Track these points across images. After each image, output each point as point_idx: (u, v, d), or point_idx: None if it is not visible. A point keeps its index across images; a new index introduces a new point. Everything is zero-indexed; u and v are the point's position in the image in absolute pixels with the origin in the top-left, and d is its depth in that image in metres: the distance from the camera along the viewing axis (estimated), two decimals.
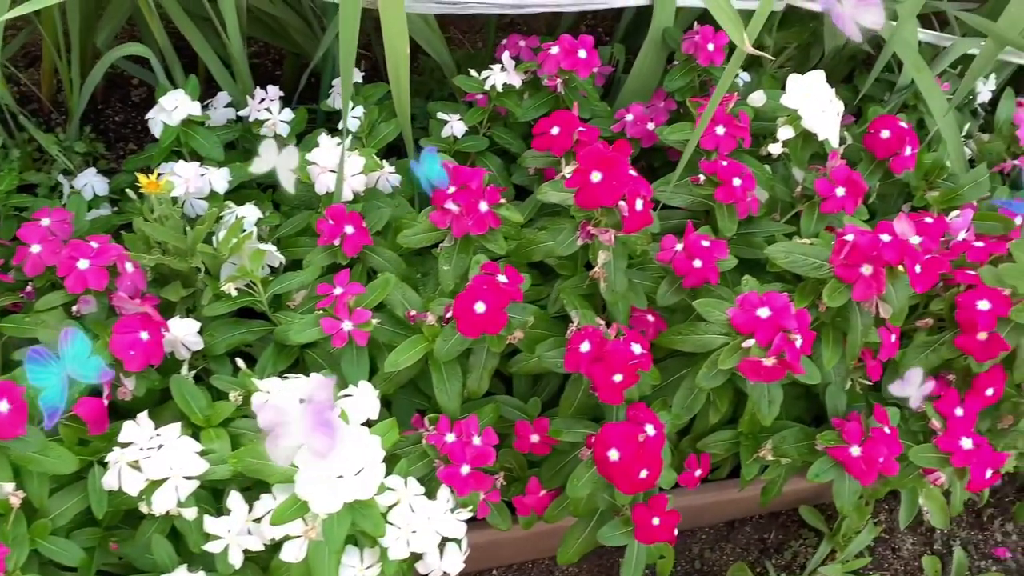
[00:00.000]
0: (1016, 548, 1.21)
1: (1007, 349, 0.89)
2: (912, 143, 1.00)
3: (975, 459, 0.90)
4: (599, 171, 0.79)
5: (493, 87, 1.04)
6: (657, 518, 0.84)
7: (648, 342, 0.89)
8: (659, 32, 1.08)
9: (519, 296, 0.81)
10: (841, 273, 0.83)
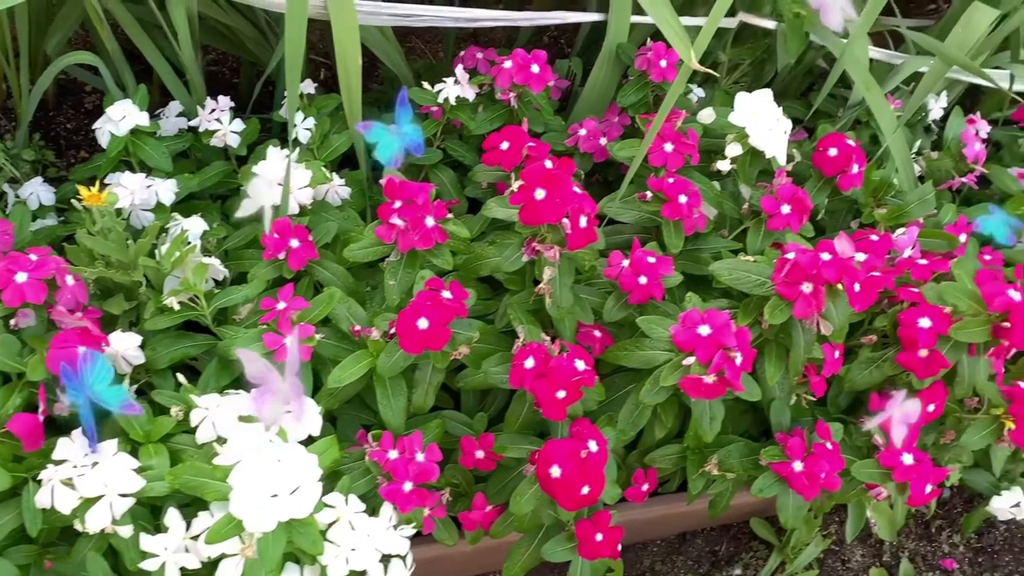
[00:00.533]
0: (963, 559, 1.23)
1: (947, 366, 0.91)
2: (859, 161, 1.02)
3: (915, 474, 0.91)
4: (543, 188, 0.79)
5: (447, 100, 1.04)
6: (600, 534, 0.84)
7: (594, 358, 0.89)
8: (613, 47, 1.09)
9: (464, 312, 0.81)
10: (782, 291, 0.84)
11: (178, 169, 1.04)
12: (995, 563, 1.23)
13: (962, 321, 0.89)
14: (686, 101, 1.11)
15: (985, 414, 0.98)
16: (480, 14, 1.06)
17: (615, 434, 0.86)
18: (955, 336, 0.89)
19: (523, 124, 0.96)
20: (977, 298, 0.90)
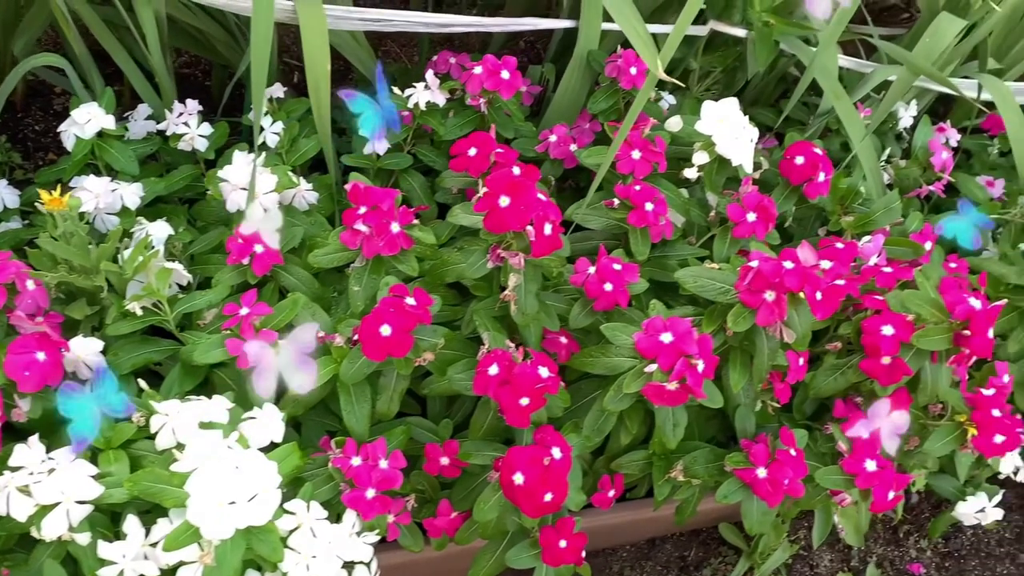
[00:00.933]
0: (930, 564, 1.24)
1: (909, 373, 0.92)
2: (826, 169, 1.03)
3: (878, 480, 0.92)
4: (507, 195, 0.79)
5: (416, 105, 1.04)
6: (564, 540, 0.84)
7: (561, 364, 0.89)
8: (584, 54, 1.09)
9: (428, 319, 0.81)
10: (745, 299, 0.85)
11: (146, 172, 1.04)
12: (962, 568, 1.24)
13: (924, 329, 0.90)
14: (656, 109, 1.12)
15: (949, 421, 0.99)
16: (451, 19, 1.06)
17: (580, 441, 0.87)
18: (917, 344, 0.90)
19: (491, 130, 0.96)
20: (939, 306, 0.91)
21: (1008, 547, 1.28)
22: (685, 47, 1.20)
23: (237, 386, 0.86)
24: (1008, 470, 1.12)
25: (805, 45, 1.14)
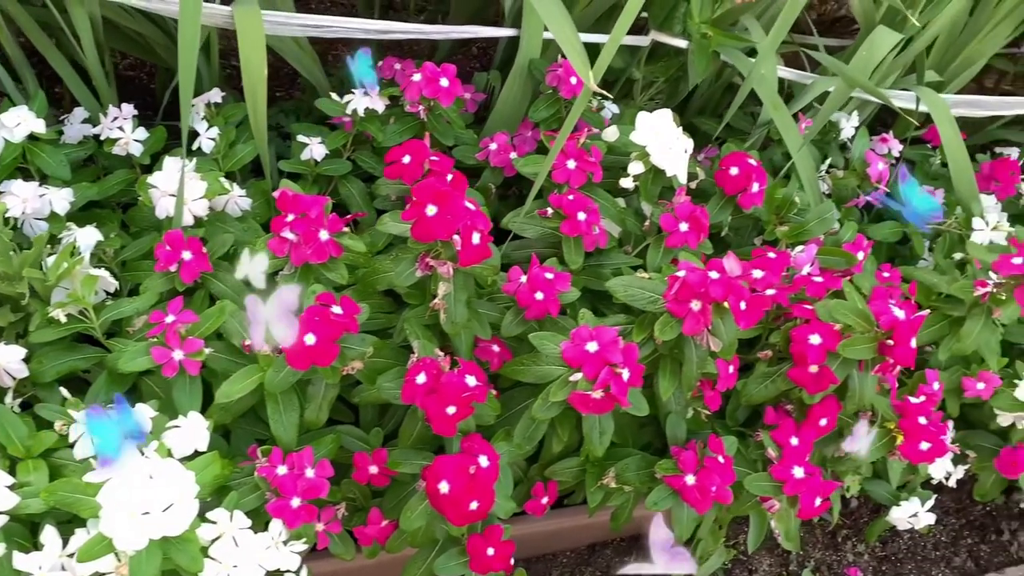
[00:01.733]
0: (868, 567, 1.26)
1: (835, 382, 0.93)
2: (759, 180, 1.04)
3: (805, 487, 0.93)
4: (434, 205, 0.80)
5: (355, 111, 1.04)
6: (492, 548, 0.85)
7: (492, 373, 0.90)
8: (525, 63, 1.10)
9: (354, 327, 0.81)
10: (672, 308, 0.85)
11: (81, 177, 1.03)
12: (898, 571, 1.26)
13: (850, 338, 0.92)
14: (598, 118, 1.12)
15: (879, 428, 1.00)
16: (391, 26, 1.06)
17: (509, 449, 0.87)
18: (843, 353, 0.92)
19: (425, 138, 0.96)
20: (866, 316, 0.93)
21: (943, 550, 1.30)
22: (628, 57, 1.21)
23: (164, 394, 0.86)
24: (940, 475, 1.14)
25: (745, 56, 1.15)
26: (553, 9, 0.94)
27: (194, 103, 1.08)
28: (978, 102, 1.38)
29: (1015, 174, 1.39)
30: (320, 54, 1.51)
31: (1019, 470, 1.13)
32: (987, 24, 1.42)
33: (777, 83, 1.18)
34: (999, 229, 1.19)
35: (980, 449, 1.17)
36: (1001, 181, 1.39)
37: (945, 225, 1.23)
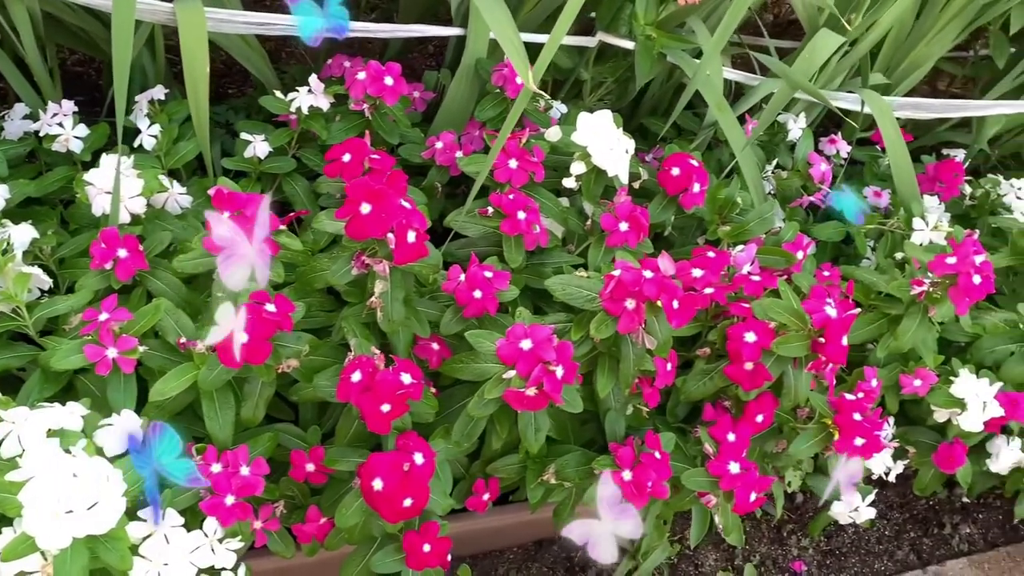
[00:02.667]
0: (812, 561, 1.28)
1: (770, 379, 0.95)
2: (700, 180, 1.05)
3: (740, 483, 0.95)
4: (368, 203, 0.80)
5: (299, 109, 1.04)
6: (428, 545, 0.85)
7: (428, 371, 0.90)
8: (472, 62, 1.10)
9: (288, 325, 0.81)
10: (608, 306, 0.87)
11: (21, 174, 1.02)
12: (842, 565, 1.29)
13: (785, 336, 0.94)
14: (545, 118, 1.13)
15: (816, 424, 1.02)
16: None
17: (446, 447, 0.87)
18: (777, 350, 0.93)
19: (366, 136, 0.96)
20: (799, 314, 0.94)
21: (887, 544, 1.33)
22: (576, 57, 1.22)
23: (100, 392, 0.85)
24: (880, 470, 1.17)
25: (691, 58, 1.17)
26: (495, 9, 0.95)
27: (137, 100, 1.08)
28: (922, 104, 1.40)
29: (958, 175, 1.42)
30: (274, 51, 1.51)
31: (956, 465, 1.15)
32: (933, 28, 1.45)
33: (723, 85, 1.19)
34: (939, 229, 1.22)
35: (919, 444, 1.19)
36: (945, 182, 1.42)
37: (888, 225, 1.25)
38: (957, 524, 1.38)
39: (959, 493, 1.42)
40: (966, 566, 1.33)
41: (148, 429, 0.74)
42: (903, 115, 1.41)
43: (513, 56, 0.92)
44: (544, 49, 0.92)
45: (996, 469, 1.20)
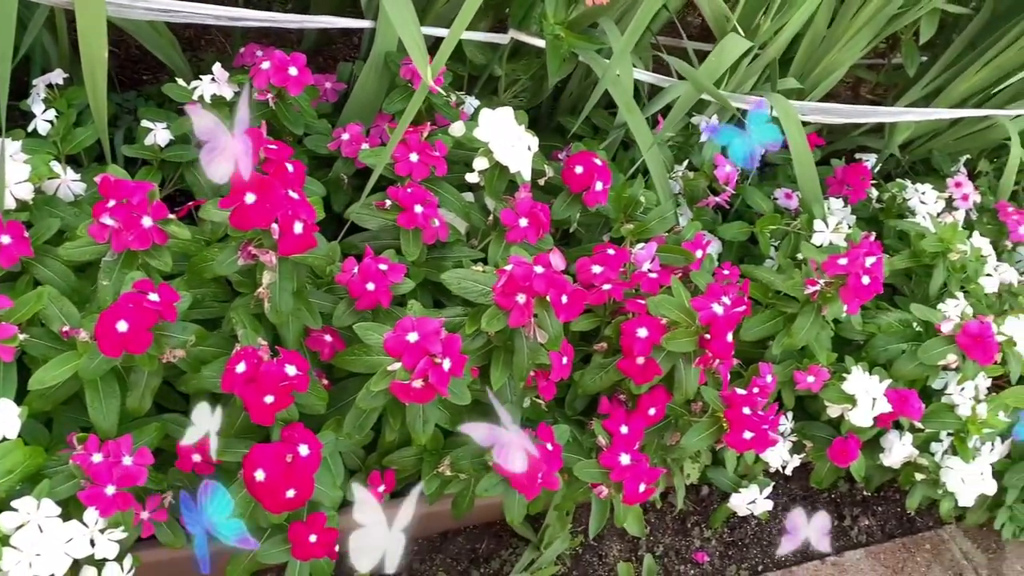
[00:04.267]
0: (714, 552, 1.31)
1: (660, 373, 0.97)
2: (603, 179, 1.07)
3: (630, 474, 0.97)
4: (253, 193, 0.80)
5: (202, 97, 1.03)
6: (315, 535, 0.86)
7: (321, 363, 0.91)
8: (382, 55, 1.11)
9: (172, 315, 0.81)
10: (500, 301, 0.88)
11: None
12: (744, 556, 1.32)
13: (674, 332, 0.96)
14: (455, 112, 1.14)
15: (709, 417, 1.05)
16: (241, 13, 1.05)
17: (334, 438, 0.88)
18: (667, 346, 0.96)
19: (262, 126, 0.96)
20: (688, 311, 0.97)
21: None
22: (489, 53, 1.23)
23: None
24: (777, 463, 1.20)
25: (601, 58, 1.19)
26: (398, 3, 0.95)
27: (35, 84, 1.05)
28: (831, 110, 1.45)
29: (865, 179, 1.47)
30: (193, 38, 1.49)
31: (849, 459, 1.20)
32: (845, 35, 1.49)
33: (632, 85, 1.21)
34: (839, 231, 1.26)
35: (816, 439, 1.23)
36: (852, 185, 1.46)
37: (791, 226, 1.29)
38: (857, 516, 1.43)
39: (860, 487, 1.46)
40: (863, 557, 1.38)
41: (201, 489, 0.79)
42: (813, 119, 1.45)
43: (413, 50, 0.93)
44: (443, 44, 0.92)
45: (889, 463, 1.25)
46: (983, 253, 1.36)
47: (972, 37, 1.63)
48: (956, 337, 1.16)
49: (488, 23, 1.23)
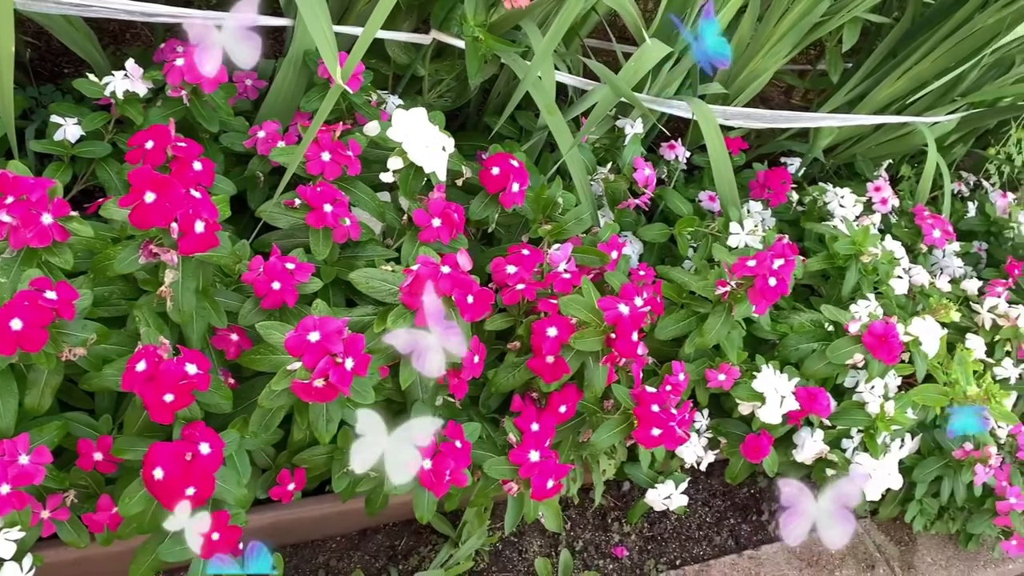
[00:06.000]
0: (634, 547, 1.34)
1: (568, 372, 0.99)
2: (519, 180, 1.09)
3: (538, 470, 0.99)
4: (153, 192, 0.80)
5: (114, 93, 1.02)
6: (217, 533, 0.86)
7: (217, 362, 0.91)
8: (300, 53, 1.11)
9: (70, 313, 0.80)
10: (406, 300, 0.89)
11: None
12: (663, 550, 1.35)
13: (582, 331, 0.98)
14: (375, 112, 1.14)
15: (619, 414, 1.07)
16: (155, 9, 1.04)
17: (239, 437, 0.88)
18: (575, 345, 0.98)
19: (170, 124, 0.96)
20: (597, 311, 0.99)
21: (707, 530, 1.40)
22: (412, 53, 1.23)
23: None
24: (691, 459, 1.23)
25: (522, 60, 1.20)
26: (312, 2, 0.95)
27: None
28: (753, 115, 1.48)
29: (786, 183, 1.51)
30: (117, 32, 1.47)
31: (762, 455, 1.23)
32: (769, 41, 1.53)
33: (554, 88, 1.23)
34: (754, 233, 1.29)
35: (730, 435, 1.26)
36: (774, 189, 1.50)
37: (708, 228, 1.32)
38: (775, 511, 1.47)
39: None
40: (780, 550, 1.42)
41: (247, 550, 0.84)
42: (735, 124, 1.48)
43: (324, 49, 0.93)
44: (357, 44, 0.93)
45: (801, 459, 1.29)
46: (895, 256, 1.41)
47: (893, 46, 1.69)
48: (863, 337, 1.20)
49: (412, 23, 1.23)
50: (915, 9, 1.65)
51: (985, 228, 1.77)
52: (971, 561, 1.54)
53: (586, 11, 1.32)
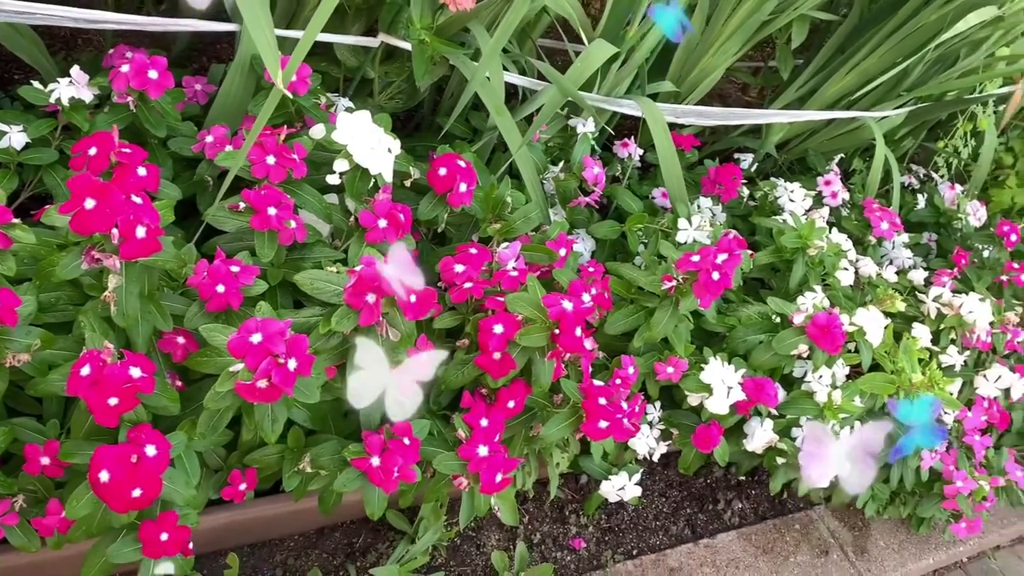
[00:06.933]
0: (592, 539, 1.36)
1: (515, 368, 1.01)
2: (467, 180, 1.11)
3: (486, 465, 1.01)
4: (92, 198, 0.81)
5: (59, 100, 1.03)
6: (166, 534, 0.87)
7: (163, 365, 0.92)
8: (247, 58, 1.12)
9: (11, 320, 0.81)
10: (350, 300, 0.90)
11: None
12: (620, 541, 1.38)
13: (528, 328, 1.00)
14: (323, 115, 1.16)
15: (568, 408, 1.10)
16: (101, 16, 1.05)
17: (186, 439, 0.89)
18: (521, 341, 1.00)
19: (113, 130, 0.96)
20: (542, 307, 1.01)
21: (664, 520, 1.43)
22: (361, 56, 1.25)
23: None
24: (643, 451, 1.26)
25: (471, 62, 1.22)
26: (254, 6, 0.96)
27: None
28: (705, 112, 1.51)
29: (737, 178, 1.54)
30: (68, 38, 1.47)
31: (712, 445, 1.26)
32: (718, 40, 1.56)
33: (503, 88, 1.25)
34: (702, 229, 1.32)
35: (682, 427, 1.29)
36: (724, 184, 1.53)
37: (658, 224, 1.34)
38: (731, 500, 1.50)
39: (735, 472, 1.54)
40: (735, 538, 1.45)
41: None
42: (688, 121, 1.51)
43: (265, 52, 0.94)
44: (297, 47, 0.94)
45: (752, 448, 1.31)
46: (842, 248, 1.44)
47: (841, 42, 1.73)
48: (807, 328, 1.23)
49: (361, 27, 1.25)
50: (862, 6, 1.69)
51: (935, 219, 1.81)
52: (923, 544, 1.58)
53: (537, 12, 1.34)
